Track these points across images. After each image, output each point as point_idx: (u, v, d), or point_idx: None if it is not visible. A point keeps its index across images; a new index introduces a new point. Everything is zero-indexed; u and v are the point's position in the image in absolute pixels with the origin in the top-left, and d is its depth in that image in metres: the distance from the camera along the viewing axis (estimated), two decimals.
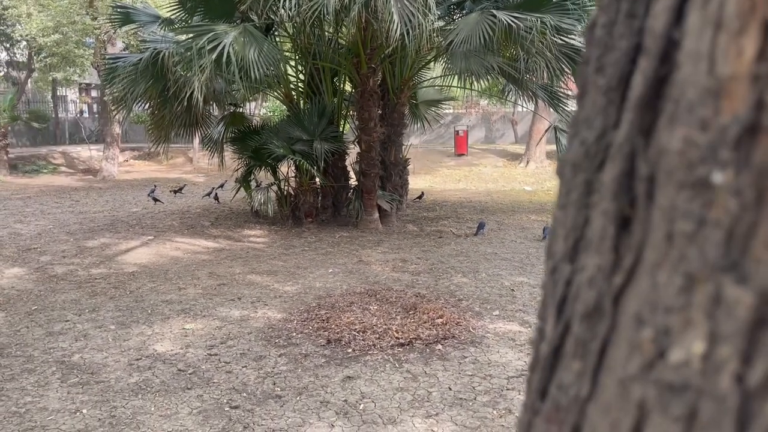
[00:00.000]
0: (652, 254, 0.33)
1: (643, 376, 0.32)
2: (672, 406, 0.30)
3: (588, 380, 0.36)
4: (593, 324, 0.36)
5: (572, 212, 0.39)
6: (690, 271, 0.30)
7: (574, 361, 0.37)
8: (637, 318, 0.33)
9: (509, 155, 20.54)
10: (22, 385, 4.13)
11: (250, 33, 7.97)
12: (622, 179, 0.35)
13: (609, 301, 0.35)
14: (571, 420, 0.37)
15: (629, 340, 0.33)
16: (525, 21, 7.65)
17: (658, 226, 0.32)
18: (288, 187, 10.12)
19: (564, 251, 0.39)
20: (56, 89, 24.08)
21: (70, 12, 16.09)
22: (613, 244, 0.35)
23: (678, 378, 0.30)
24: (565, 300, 0.38)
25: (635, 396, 0.32)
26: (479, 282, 6.61)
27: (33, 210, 11.85)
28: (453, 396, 3.93)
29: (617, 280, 0.35)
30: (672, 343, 0.31)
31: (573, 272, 0.38)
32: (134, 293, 6.29)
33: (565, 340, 0.38)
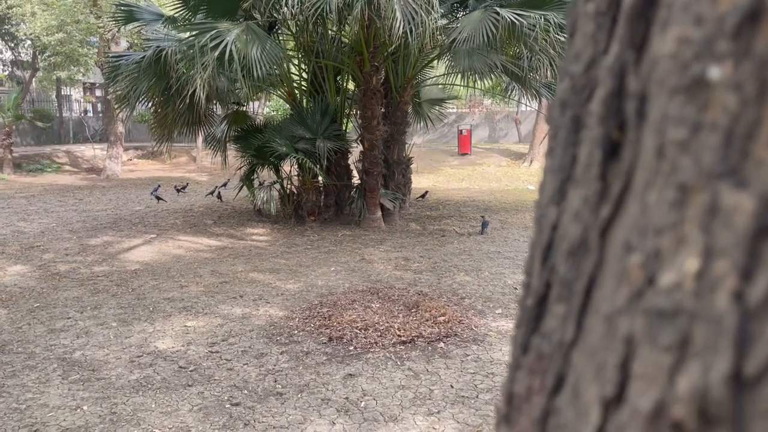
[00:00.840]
0: (642, 174, 0.30)
1: (631, 307, 0.29)
2: (661, 335, 0.28)
3: (572, 323, 0.34)
4: (578, 261, 0.34)
5: (559, 153, 0.36)
6: (683, 182, 0.28)
7: (559, 305, 0.34)
8: (626, 247, 0.31)
9: (513, 154, 20.50)
10: (23, 382, 4.13)
11: (252, 31, 7.96)
12: (610, 101, 0.33)
13: (595, 235, 0.33)
14: (555, 368, 0.35)
15: (616, 272, 0.31)
16: (528, 18, 7.62)
17: (649, 142, 0.30)
18: (291, 186, 10.11)
19: (551, 194, 0.36)
20: (60, 88, 24.14)
21: (74, 11, 16.12)
22: (601, 171, 0.33)
23: (668, 303, 0.28)
24: (551, 245, 0.36)
25: (622, 331, 0.30)
26: (482, 280, 6.58)
27: (36, 208, 11.87)
28: (455, 394, 3.90)
29: (605, 210, 0.33)
30: (662, 266, 0.28)
31: (559, 214, 0.35)
32: (136, 291, 6.28)
33: (550, 287, 0.36)
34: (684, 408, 0.26)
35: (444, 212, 11.26)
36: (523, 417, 0.36)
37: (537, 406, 0.35)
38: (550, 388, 0.34)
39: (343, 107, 10.37)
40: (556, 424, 0.34)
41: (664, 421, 0.27)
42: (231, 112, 10.86)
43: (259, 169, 10.26)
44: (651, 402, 0.28)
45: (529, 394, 0.36)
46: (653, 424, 0.27)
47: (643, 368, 0.28)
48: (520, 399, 0.37)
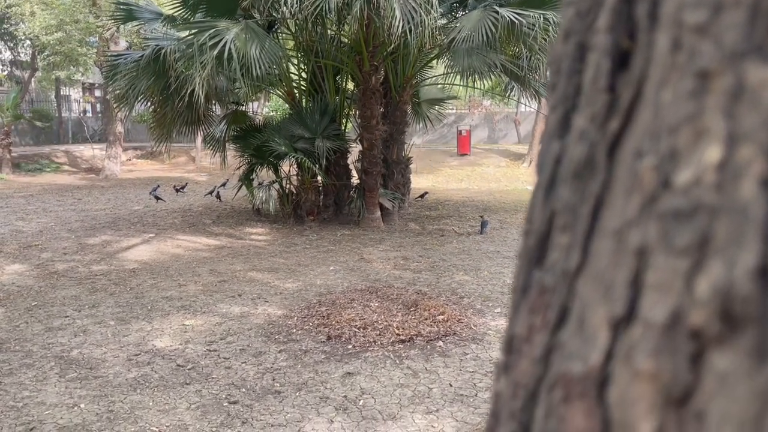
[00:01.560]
0: (655, 75, 0.29)
1: (643, 215, 0.27)
2: (678, 237, 0.26)
3: (578, 250, 0.32)
4: (584, 183, 0.32)
5: (563, 83, 0.35)
6: (702, 68, 0.26)
7: (563, 236, 0.32)
8: (636, 154, 0.29)
9: (512, 155, 20.49)
10: (20, 380, 4.11)
11: (252, 30, 7.95)
12: (619, 8, 0.31)
13: (603, 151, 0.31)
14: (558, 300, 0.33)
15: (626, 184, 0.29)
16: (528, 17, 7.61)
17: (664, 39, 0.28)
18: (290, 186, 10.09)
19: (554, 127, 0.35)
20: (59, 88, 24.11)
21: (73, 10, 16.11)
22: (609, 82, 0.31)
23: (686, 202, 0.26)
24: (553, 181, 0.34)
25: (633, 243, 0.28)
26: (481, 280, 6.57)
27: (35, 208, 11.85)
28: (454, 392, 3.89)
29: (613, 124, 0.31)
30: (678, 165, 0.26)
31: (563, 147, 0.34)
32: (134, 290, 6.27)
33: (552, 223, 0.34)
34: (704, 312, 0.25)
35: (443, 212, 11.25)
36: (523, 359, 0.34)
37: (539, 344, 0.33)
38: (554, 323, 0.33)
39: (342, 107, 10.35)
40: (559, 358, 0.32)
41: (680, 330, 0.25)
42: (230, 112, 10.85)
43: (258, 169, 10.23)
44: (666, 312, 0.26)
45: (530, 334, 0.34)
46: (668, 336, 0.26)
47: (656, 277, 0.26)
48: (520, 341, 0.35)
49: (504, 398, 0.37)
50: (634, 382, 0.27)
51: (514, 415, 0.35)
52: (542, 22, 7.56)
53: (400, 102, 10.24)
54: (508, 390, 0.37)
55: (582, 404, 0.29)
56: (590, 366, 0.29)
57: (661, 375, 0.26)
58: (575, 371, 0.30)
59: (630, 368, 0.27)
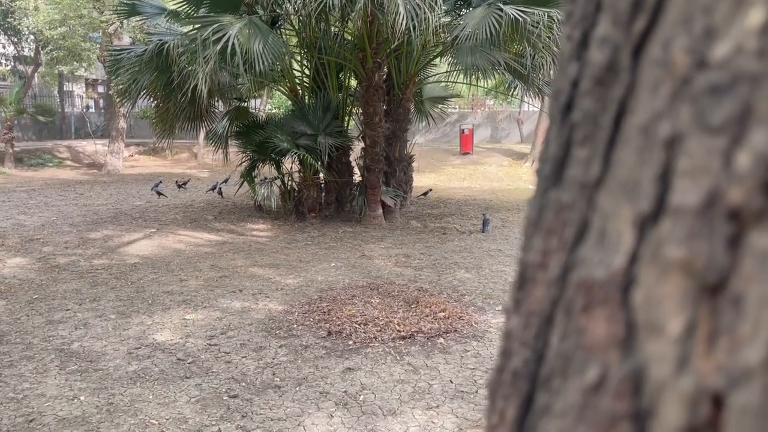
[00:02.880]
0: None
1: (674, 103, 0.25)
2: (715, 113, 0.24)
3: (598, 161, 0.30)
4: (605, 91, 0.30)
5: (581, 5, 0.33)
6: None
7: (581, 150, 0.31)
8: (666, 45, 0.27)
9: (515, 154, 20.46)
10: (20, 372, 4.11)
11: (255, 25, 7.94)
12: None
13: (627, 53, 0.29)
14: (577, 216, 0.31)
15: (654, 79, 0.27)
16: (532, 15, 7.59)
17: None
18: (292, 182, 10.08)
19: (571, 50, 0.33)
20: (63, 84, 24.12)
21: (77, 5, 16.11)
22: None
23: (724, 76, 0.24)
24: (570, 104, 0.32)
25: (662, 134, 0.26)
26: (482, 277, 6.56)
27: (37, 202, 11.85)
28: (454, 389, 3.88)
29: (639, 24, 0.29)
30: (715, 40, 0.24)
31: (581, 66, 0.32)
32: (135, 284, 6.26)
33: (570, 142, 0.32)
34: (744, 188, 0.23)
35: (445, 210, 11.23)
36: (538, 286, 0.33)
37: (555, 266, 0.31)
38: (572, 241, 0.31)
39: (345, 104, 10.34)
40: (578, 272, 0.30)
41: (717, 211, 0.24)
42: (233, 108, 10.83)
43: (260, 165, 10.23)
44: (701, 195, 0.24)
45: (545, 258, 0.32)
46: (703, 220, 0.24)
47: (690, 163, 0.25)
48: (533, 269, 0.33)
49: (515, 333, 0.35)
50: (663, 278, 0.25)
51: (526, 343, 0.34)
52: (546, 19, 7.53)
53: (403, 99, 10.22)
54: (519, 323, 0.35)
55: (604, 311, 0.28)
56: (613, 270, 0.27)
57: (695, 262, 0.24)
58: (597, 277, 0.28)
59: (658, 264, 0.25)
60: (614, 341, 0.27)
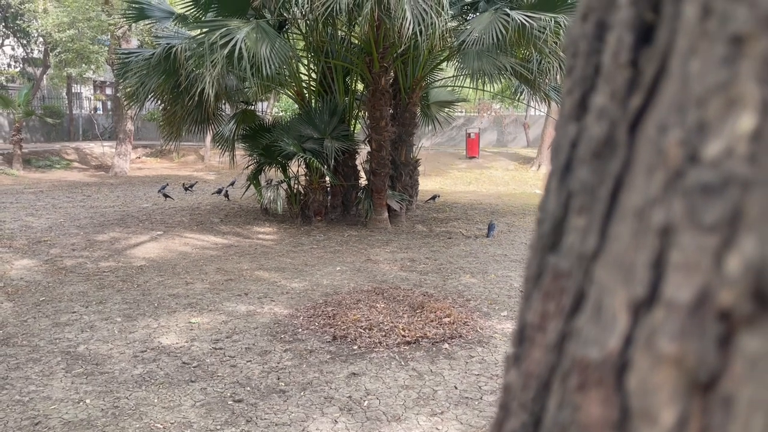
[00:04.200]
0: (682, 45, 0.27)
1: (668, 192, 0.26)
2: (707, 213, 0.24)
3: (595, 233, 0.30)
4: (603, 163, 0.30)
5: (581, 64, 0.33)
6: (735, 33, 0.24)
7: (579, 218, 0.31)
8: (660, 129, 0.27)
9: (521, 159, 20.44)
10: (26, 374, 4.13)
11: (262, 29, 7.97)
12: None
13: (624, 129, 0.30)
14: (574, 286, 0.32)
15: (649, 161, 0.27)
16: (539, 21, 7.59)
17: (692, 7, 0.27)
18: (298, 186, 10.10)
19: (570, 109, 0.33)
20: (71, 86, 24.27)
21: (86, 8, 16.21)
22: (631, 57, 0.30)
23: (715, 176, 0.24)
24: (569, 165, 0.33)
25: (656, 222, 0.26)
26: (488, 283, 6.55)
27: (45, 204, 11.92)
28: (459, 395, 3.87)
29: (635, 100, 0.29)
30: (707, 137, 0.25)
31: (580, 129, 0.32)
32: (141, 287, 6.28)
33: (568, 206, 0.32)
34: (734, 291, 0.23)
35: (451, 214, 11.23)
36: (536, 348, 0.33)
37: (553, 331, 0.32)
38: (569, 309, 0.31)
39: (351, 108, 10.36)
40: (575, 344, 0.30)
41: (708, 311, 0.24)
42: (239, 111, 10.87)
43: (267, 169, 10.26)
44: (692, 292, 0.24)
45: (543, 321, 0.33)
46: (694, 317, 0.24)
47: (682, 257, 0.25)
48: (532, 329, 0.34)
49: (514, 390, 0.36)
50: (656, 368, 0.25)
51: (525, 406, 0.34)
52: (553, 25, 7.53)
53: (409, 104, 10.24)
54: (518, 381, 0.35)
55: (599, 392, 0.28)
56: (608, 351, 0.28)
57: (686, 359, 0.24)
58: (592, 357, 0.29)
59: (652, 353, 0.26)
60: (609, 424, 0.27)
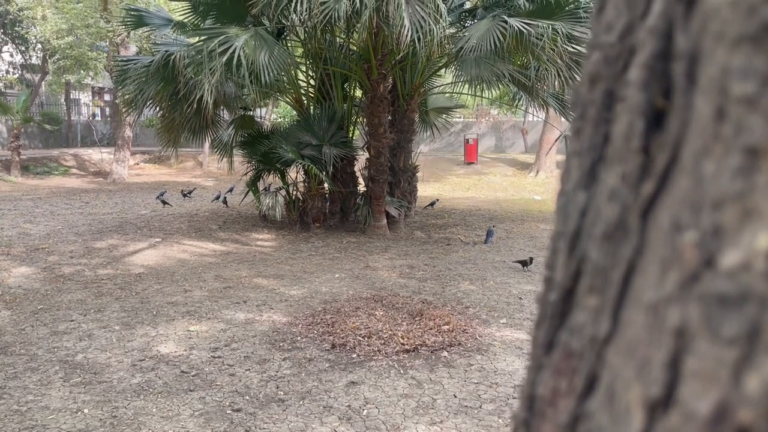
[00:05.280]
0: (695, 142, 0.27)
1: (683, 294, 0.25)
2: (724, 325, 0.23)
3: (608, 316, 0.30)
4: (615, 247, 0.30)
5: (589, 131, 0.33)
6: (751, 144, 0.24)
7: (590, 298, 0.31)
8: (675, 226, 0.27)
9: (519, 164, 20.46)
10: (24, 384, 4.11)
11: (261, 37, 7.98)
12: (653, 64, 0.29)
13: (636, 215, 0.29)
14: (586, 367, 0.31)
15: (663, 255, 0.27)
16: (536, 28, 7.62)
17: (704, 105, 0.26)
18: (296, 192, 10.11)
19: (578, 178, 0.33)
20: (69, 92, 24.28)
21: (84, 15, 16.23)
22: (643, 143, 0.30)
23: (733, 287, 0.24)
24: (579, 233, 0.33)
25: (671, 322, 0.26)
26: (486, 289, 6.55)
27: (43, 211, 11.90)
28: (458, 404, 3.87)
29: (647, 187, 0.29)
30: (724, 244, 0.24)
31: (589, 199, 0.32)
32: (140, 294, 6.27)
33: (578, 279, 0.32)
34: (754, 410, 0.23)
35: (449, 221, 11.23)
36: (547, 423, 0.33)
37: (564, 411, 0.32)
38: (581, 390, 0.31)
39: (350, 114, 10.38)
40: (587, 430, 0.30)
41: (727, 425, 0.23)
42: (238, 117, 10.88)
43: (265, 175, 10.26)
44: (711, 404, 0.24)
45: (554, 397, 0.33)
46: (714, 430, 0.24)
47: (699, 365, 0.25)
48: (543, 402, 0.34)
49: None
50: None
51: None
52: (551, 32, 7.56)
53: (407, 110, 10.26)
54: None
55: None
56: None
57: None
58: None
59: None
60: None
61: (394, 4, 7.14)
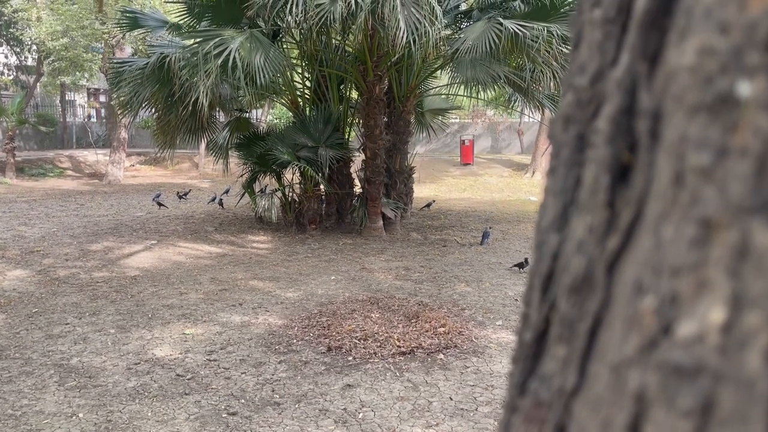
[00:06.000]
0: (656, 204, 0.27)
1: (642, 358, 0.26)
2: (680, 396, 0.23)
3: (575, 369, 0.30)
4: (582, 299, 0.30)
5: (562, 173, 0.33)
6: (706, 217, 0.24)
7: (559, 346, 0.31)
8: (637, 287, 0.27)
9: (515, 165, 20.49)
10: (19, 388, 4.10)
11: (256, 39, 7.98)
12: (619, 118, 0.29)
13: (602, 270, 0.30)
14: (554, 418, 0.31)
15: (626, 315, 0.27)
16: (531, 30, 7.63)
17: (665, 167, 0.26)
18: (292, 194, 10.10)
19: (552, 219, 0.34)
20: (65, 94, 24.21)
21: (79, 16, 16.20)
22: (608, 198, 0.30)
23: (688, 359, 0.24)
24: (551, 276, 0.33)
25: (632, 385, 0.26)
26: (482, 291, 6.55)
27: (38, 213, 11.87)
28: (454, 406, 3.87)
29: (612, 242, 0.29)
30: (681, 314, 0.24)
31: (561, 242, 0.32)
32: (135, 297, 6.26)
33: (549, 322, 0.33)
34: None
35: (445, 222, 11.24)
36: None
37: None
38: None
39: (345, 116, 10.37)
40: None
41: None
42: (233, 119, 10.87)
43: (261, 177, 10.25)
44: None
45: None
46: None
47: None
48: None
49: None
50: None
51: None
52: (546, 34, 7.57)
53: (403, 112, 10.26)
54: None
55: None
56: None
57: None
58: None
59: None
60: None
61: (389, 6, 7.14)
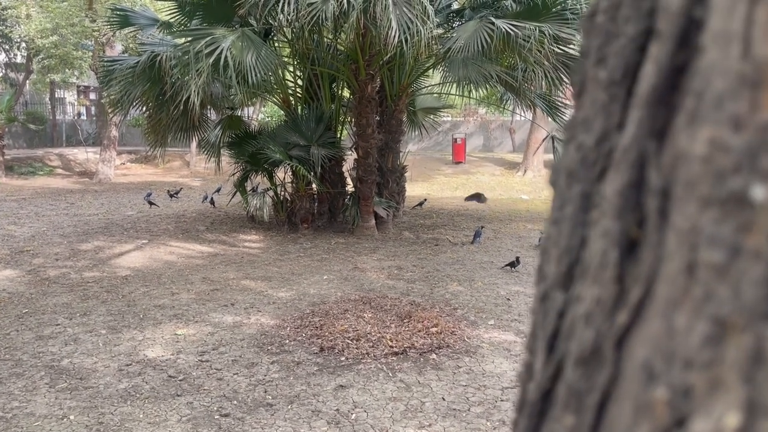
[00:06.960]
0: (666, 289, 0.26)
1: None
2: None
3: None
4: (591, 372, 0.30)
5: (567, 230, 0.33)
6: (720, 316, 0.23)
7: (566, 415, 0.31)
8: (647, 370, 0.26)
9: (507, 164, 20.52)
10: (9, 390, 4.07)
11: (248, 37, 7.95)
12: (627, 192, 0.29)
13: (610, 345, 0.29)
14: None
15: (636, 398, 0.27)
16: (523, 29, 7.64)
17: (676, 253, 0.26)
18: (284, 193, 10.07)
19: (556, 276, 0.33)
20: (54, 91, 24.03)
21: (69, 14, 16.07)
22: (617, 273, 0.29)
23: None
24: (557, 334, 0.33)
25: None
26: (475, 291, 6.56)
27: (27, 212, 11.78)
28: (446, 407, 3.87)
29: (621, 318, 0.29)
30: (694, 410, 0.23)
31: (567, 302, 0.32)
32: (126, 297, 6.23)
33: (556, 383, 0.32)
34: None
35: (438, 221, 11.24)
36: None
37: None
38: None
39: (338, 115, 10.36)
40: None
41: None
42: (225, 117, 10.83)
43: (253, 176, 10.22)
44: None
45: None
46: None
47: None
48: None
49: None
50: None
51: None
52: (537, 34, 7.58)
53: (395, 110, 10.26)
54: None
55: None
56: None
57: None
58: None
59: None
60: None
61: (381, 5, 7.13)
